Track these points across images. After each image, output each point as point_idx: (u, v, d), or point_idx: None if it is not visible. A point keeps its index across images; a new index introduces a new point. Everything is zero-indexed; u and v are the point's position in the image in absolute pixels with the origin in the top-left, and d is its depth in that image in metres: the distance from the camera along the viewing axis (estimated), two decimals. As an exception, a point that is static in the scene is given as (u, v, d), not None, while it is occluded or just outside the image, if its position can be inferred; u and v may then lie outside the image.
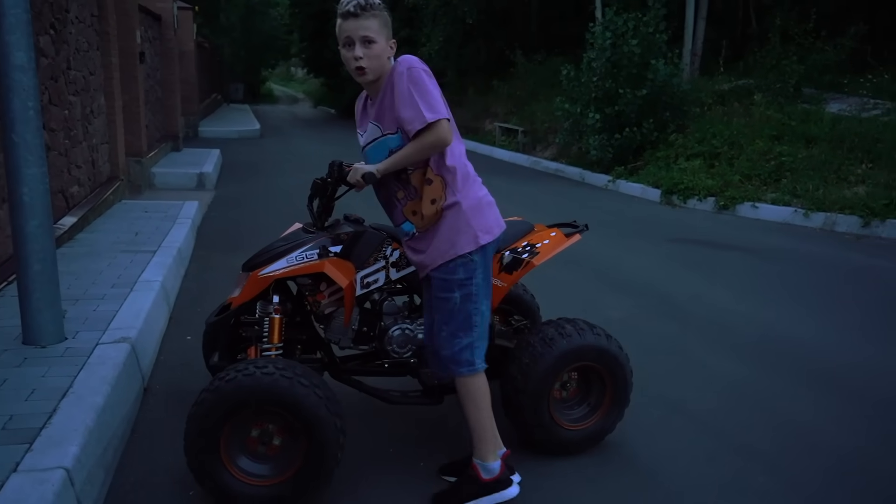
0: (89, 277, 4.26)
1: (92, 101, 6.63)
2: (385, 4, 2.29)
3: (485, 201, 2.39)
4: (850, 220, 7.39)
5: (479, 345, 2.38)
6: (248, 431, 2.27)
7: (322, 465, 2.24)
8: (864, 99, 9.83)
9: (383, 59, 2.27)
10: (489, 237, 2.34)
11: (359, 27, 2.21)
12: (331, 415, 2.23)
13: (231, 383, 2.18)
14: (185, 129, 13.48)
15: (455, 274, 2.32)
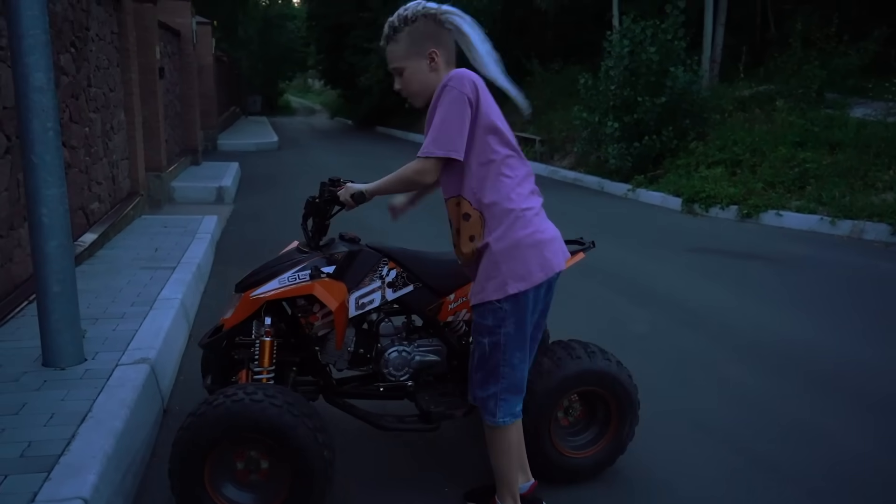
0: (109, 295, 4.26)
1: (112, 117, 6.67)
2: (413, 16, 2.14)
3: (526, 242, 2.11)
4: (879, 227, 7.22)
5: (507, 398, 2.20)
6: (233, 458, 2.20)
7: (308, 497, 2.17)
8: (890, 103, 9.63)
9: (420, 78, 2.18)
10: (524, 285, 2.11)
11: (389, 59, 2.19)
12: (319, 446, 2.16)
13: (219, 409, 2.11)
14: (204, 143, 13.59)
15: (484, 319, 2.17)
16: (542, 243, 2.14)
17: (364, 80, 22.68)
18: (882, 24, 10.71)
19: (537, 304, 2.19)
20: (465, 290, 2.67)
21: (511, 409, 2.22)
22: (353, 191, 2.32)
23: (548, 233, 2.18)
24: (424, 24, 2.14)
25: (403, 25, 2.15)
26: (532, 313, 2.18)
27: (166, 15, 10.69)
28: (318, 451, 2.16)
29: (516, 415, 2.24)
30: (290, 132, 23.76)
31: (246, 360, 2.58)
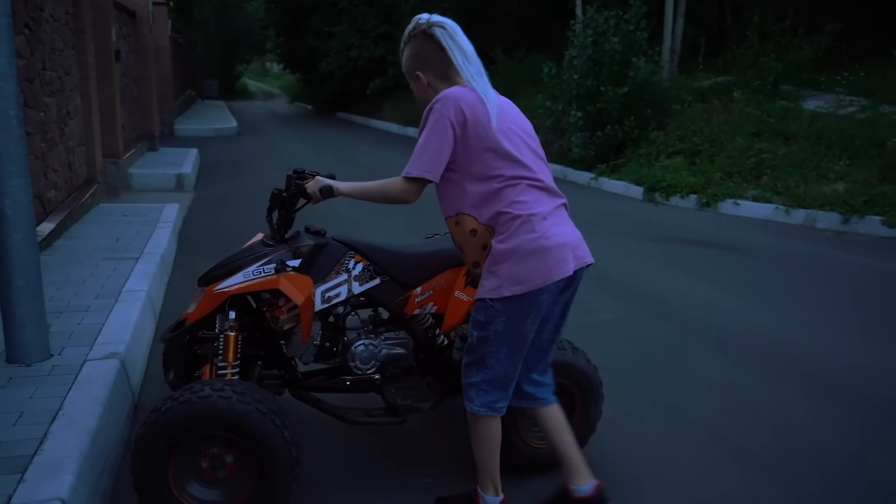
0: (71, 288, 4.15)
1: (68, 101, 6.46)
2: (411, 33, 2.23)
3: (527, 248, 2.10)
4: (831, 216, 7.48)
5: (488, 390, 2.22)
6: (198, 456, 2.18)
7: (274, 494, 2.16)
8: (841, 96, 9.96)
9: (419, 94, 2.29)
10: (519, 289, 2.09)
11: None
12: (287, 443, 2.16)
13: (185, 405, 2.09)
14: (160, 128, 13.24)
15: (478, 314, 2.20)
16: (546, 250, 2.11)
17: (325, 65, 22.36)
18: (834, 19, 11.03)
19: (538, 308, 2.15)
20: (431, 283, 2.68)
21: (488, 401, 2.23)
22: (322, 185, 2.31)
23: (555, 238, 2.13)
24: (416, 44, 2.23)
25: (405, 44, 2.26)
26: (531, 317, 2.16)
27: (121, -5, 10.35)
28: (287, 448, 2.15)
29: (494, 409, 2.25)
30: (249, 117, 23.31)
31: (210, 355, 2.55)
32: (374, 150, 14.59)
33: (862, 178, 7.82)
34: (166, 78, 14.89)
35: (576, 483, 2.33)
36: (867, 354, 4.03)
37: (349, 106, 24.66)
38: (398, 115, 20.19)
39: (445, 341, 2.81)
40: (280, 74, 50.22)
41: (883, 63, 10.26)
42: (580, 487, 2.32)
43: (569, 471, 2.34)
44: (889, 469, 2.83)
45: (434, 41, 2.19)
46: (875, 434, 3.11)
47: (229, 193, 8.78)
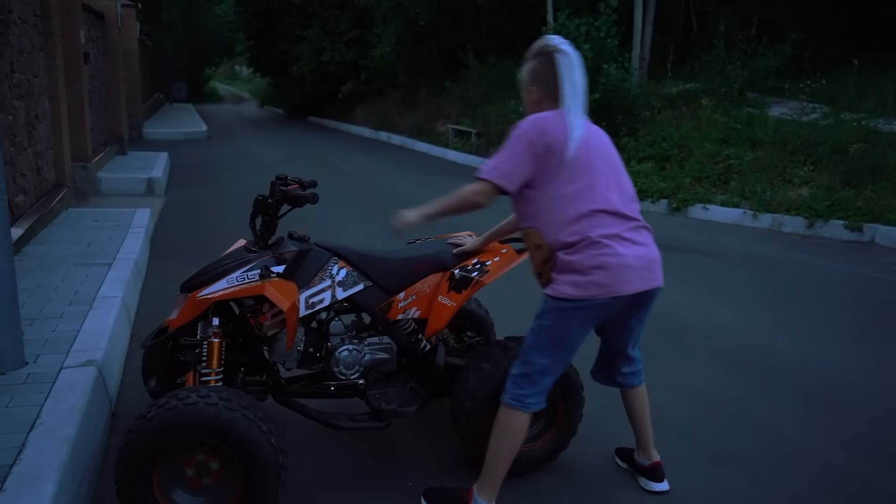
0: (43, 294, 4.07)
1: (36, 104, 6.33)
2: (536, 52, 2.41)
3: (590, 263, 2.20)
4: (796, 220, 7.69)
5: (521, 384, 2.33)
6: (183, 463, 2.17)
7: (260, 501, 2.16)
8: (804, 103, 10.24)
9: (528, 106, 2.46)
10: (574, 293, 2.20)
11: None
12: (273, 449, 2.16)
13: (171, 412, 2.08)
14: (129, 131, 13.03)
15: (545, 305, 2.31)
16: (606, 266, 2.19)
17: (296, 69, 22.21)
18: (797, 28, 11.33)
19: (587, 318, 2.25)
20: (414, 289, 2.71)
21: (518, 395, 2.33)
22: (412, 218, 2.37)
23: (618, 259, 2.20)
24: (539, 63, 2.39)
25: (531, 58, 2.43)
26: (576, 322, 2.25)
27: (89, -3, 10.18)
28: (273, 454, 2.16)
29: (523, 404, 2.33)
30: (219, 121, 23.05)
31: (192, 362, 2.54)
32: (347, 154, 14.55)
33: (825, 184, 8.05)
34: (135, 81, 14.66)
35: (640, 457, 2.74)
36: (835, 354, 4.16)
37: (321, 110, 24.53)
38: (370, 120, 20.16)
39: (428, 346, 2.83)
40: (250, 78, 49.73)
41: (844, 71, 10.57)
42: (642, 459, 2.73)
43: (638, 445, 2.74)
44: (857, 468, 2.93)
45: (553, 65, 2.34)
46: (845, 432, 3.21)
47: (201, 198, 8.69)
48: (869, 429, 3.25)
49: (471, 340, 3.19)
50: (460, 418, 2.63)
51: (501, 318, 3.70)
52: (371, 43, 18.81)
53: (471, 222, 7.34)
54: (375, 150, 15.61)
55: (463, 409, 2.61)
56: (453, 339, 3.19)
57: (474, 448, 2.65)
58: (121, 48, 12.10)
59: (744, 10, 12.19)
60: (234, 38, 39.02)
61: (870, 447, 3.07)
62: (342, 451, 2.89)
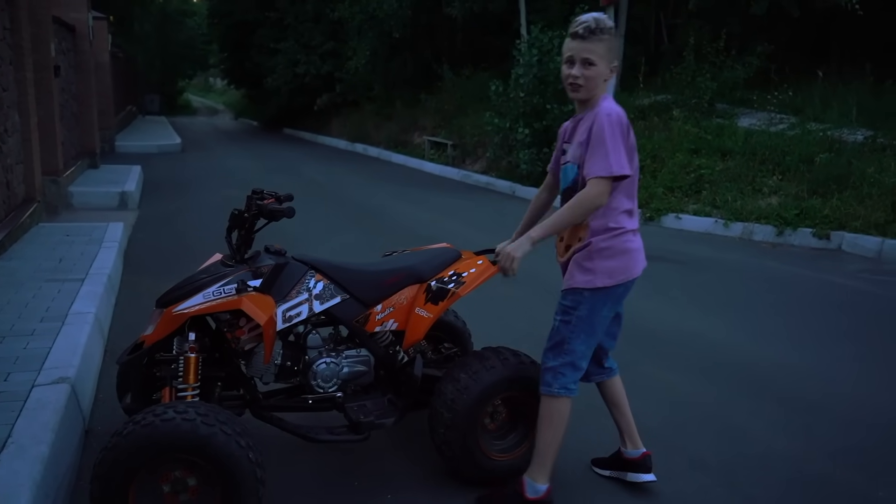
0: (14, 311, 4.01)
1: (5, 118, 6.25)
2: (615, 30, 2.44)
3: (620, 248, 2.47)
4: (766, 229, 7.85)
5: (565, 372, 2.49)
6: (159, 481, 2.15)
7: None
8: (772, 114, 10.47)
9: (600, 80, 2.42)
10: (609, 281, 2.46)
11: (587, 49, 2.38)
12: (251, 464, 2.15)
13: (148, 428, 2.06)
14: (101, 145, 12.87)
15: (565, 300, 2.52)
16: (632, 251, 2.50)
17: (271, 81, 22.15)
18: (764, 40, 11.60)
19: (616, 300, 2.53)
20: (391, 301, 2.73)
21: (565, 383, 2.49)
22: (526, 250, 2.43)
23: (636, 243, 2.53)
24: (614, 41, 2.46)
25: (604, 32, 2.38)
26: (608, 306, 2.50)
27: (61, 9, 10.08)
28: (251, 469, 2.15)
29: (570, 390, 2.50)
30: (192, 133, 22.87)
31: (168, 378, 2.52)
32: (323, 166, 14.53)
33: (794, 192, 8.23)
34: (107, 93, 14.52)
35: (628, 448, 2.79)
36: (806, 360, 4.25)
37: (296, 122, 24.46)
38: (346, 132, 20.16)
39: (406, 358, 2.84)
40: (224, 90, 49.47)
41: (809, 83, 10.83)
42: (630, 451, 2.78)
43: (624, 435, 2.79)
44: (830, 472, 3.00)
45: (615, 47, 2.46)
46: (816, 437, 3.28)
47: (175, 212, 8.61)
48: (843, 434, 3.32)
49: (448, 351, 3.21)
50: (438, 429, 2.64)
51: (478, 328, 3.72)
52: (346, 55, 18.84)
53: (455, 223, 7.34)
54: (351, 162, 15.60)
55: (441, 421, 2.62)
56: (431, 350, 3.20)
57: (452, 459, 2.66)
58: (92, 61, 11.98)
59: (712, 23, 12.45)
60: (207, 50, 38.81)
61: (844, 452, 3.14)
62: (321, 465, 2.88)
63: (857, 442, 3.23)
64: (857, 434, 3.31)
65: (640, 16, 13.94)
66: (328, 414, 2.83)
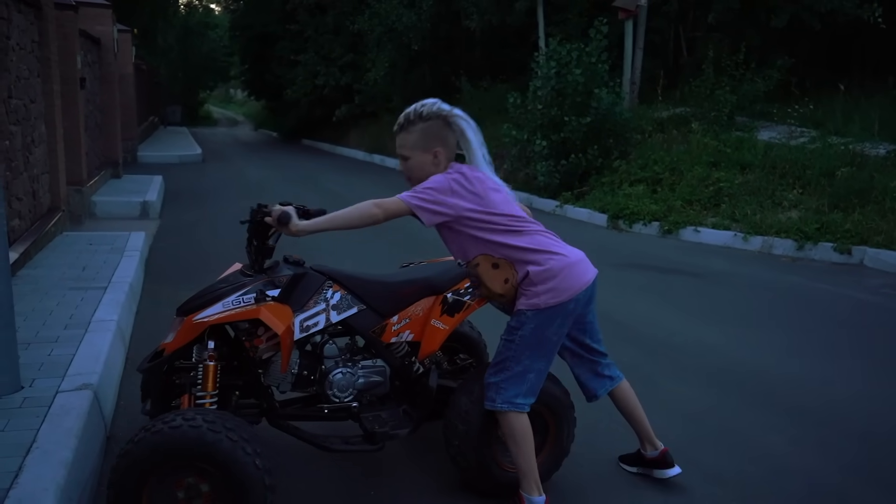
0: (39, 318, 4.09)
1: (33, 129, 6.39)
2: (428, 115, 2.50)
3: (556, 267, 2.50)
4: (786, 243, 7.77)
5: (506, 386, 2.52)
6: (174, 486, 2.19)
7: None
8: (792, 127, 10.40)
9: (424, 169, 2.52)
10: (555, 300, 2.48)
11: (399, 145, 2.55)
12: (259, 472, 2.17)
13: (157, 435, 2.12)
14: (123, 155, 13.09)
15: (511, 321, 2.57)
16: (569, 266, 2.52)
17: (291, 93, 22.40)
18: (784, 54, 11.55)
19: (566, 315, 2.53)
20: (408, 312, 2.75)
21: (507, 397, 2.51)
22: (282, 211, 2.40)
23: (574, 255, 2.56)
24: (435, 125, 2.50)
25: (418, 121, 2.49)
26: (557, 322, 2.52)
27: (87, 23, 10.30)
28: (259, 475, 2.17)
29: (515, 405, 2.51)
30: (213, 144, 23.16)
31: (188, 385, 2.56)
32: (341, 177, 14.64)
33: (814, 206, 8.16)
34: (130, 104, 14.77)
35: (647, 450, 2.90)
36: (826, 376, 4.20)
37: (315, 133, 24.69)
38: (364, 143, 20.30)
39: (421, 369, 2.86)
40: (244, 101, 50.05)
41: (831, 96, 10.75)
42: (650, 452, 2.89)
43: (642, 438, 2.90)
44: (850, 489, 2.96)
45: (454, 128, 2.54)
46: (835, 453, 3.25)
47: (196, 221, 8.72)
48: (859, 448, 3.28)
49: (464, 363, 3.22)
50: (452, 441, 2.65)
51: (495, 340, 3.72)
52: (365, 67, 19.01)
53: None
54: (370, 174, 15.71)
55: (455, 433, 2.63)
56: (446, 361, 3.22)
57: (467, 470, 2.67)
58: (116, 73, 12.21)
59: (732, 36, 12.43)
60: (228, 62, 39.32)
61: (860, 467, 3.11)
62: (337, 474, 2.90)
63: (872, 457, 3.19)
64: (873, 449, 3.27)
65: (659, 29, 13.94)
66: (344, 423, 2.85)
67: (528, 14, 13.95)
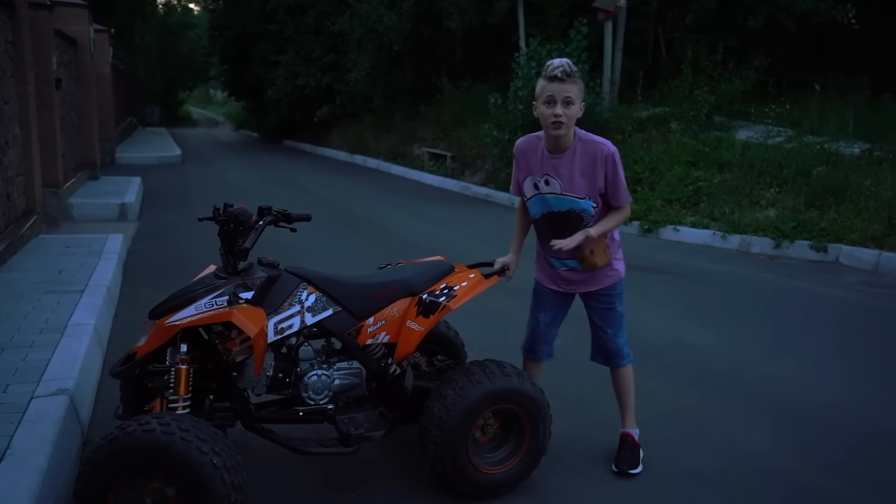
0: (13, 322, 4.03)
1: (7, 131, 6.29)
2: (579, 72, 2.72)
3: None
4: (764, 241, 7.87)
5: (626, 343, 3.10)
6: (141, 492, 2.19)
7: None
8: (769, 126, 10.53)
9: (576, 118, 2.73)
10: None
11: (567, 90, 2.66)
12: (215, 469, 2.16)
13: (113, 442, 2.12)
14: (101, 156, 12.93)
15: (619, 289, 3.01)
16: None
17: (271, 93, 22.27)
18: (760, 54, 11.69)
19: None
20: (383, 314, 2.74)
21: (629, 351, 3.11)
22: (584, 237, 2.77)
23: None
24: (582, 83, 2.75)
25: (576, 73, 2.69)
26: None
27: (62, 23, 10.16)
28: (216, 474, 2.16)
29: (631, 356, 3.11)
30: (193, 145, 22.96)
31: (160, 389, 2.54)
32: (323, 178, 14.58)
33: (791, 205, 8.27)
34: (107, 105, 14.59)
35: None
36: (804, 373, 4.26)
37: (296, 134, 24.56)
38: (346, 144, 20.24)
39: (398, 370, 2.86)
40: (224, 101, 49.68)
41: (807, 95, 10.91)
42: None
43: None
44: (827, 486, 3.01)
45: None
46: (813, 450, 3.29)
47: (175, 223, 8.63)
48: (838, 445, 3.33)
49: (442, 364, 3.22)
50: (428, 447, 2.65)
51: (473, 339, 3.74)
52: (346, 68, 18.95)
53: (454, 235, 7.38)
54: (351, 174, 15.66)
55: (430, 438, 2.63)
56: (425, 362, 3.22)
57: (444, 475, 2.67)
58: (93, 73, 12.06)
59: (710, 36, 12.55)
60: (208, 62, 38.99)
61: (839, 464, 3.15)
62: (316, 477, 2.89)
63: (852, 455, 3.24)
64: (853, 447, 3.32)
65: (638, 29, 14.05)
66: (320, 426, 2.83)
67: (508, 15, 13.99)
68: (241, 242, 2.54)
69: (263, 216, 2.68)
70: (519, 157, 2.93)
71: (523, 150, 2.91)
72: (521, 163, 2.92)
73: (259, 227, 2.61)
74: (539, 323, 3.12)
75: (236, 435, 2.82)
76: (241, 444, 2.83)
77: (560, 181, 2.80)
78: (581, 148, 2.78)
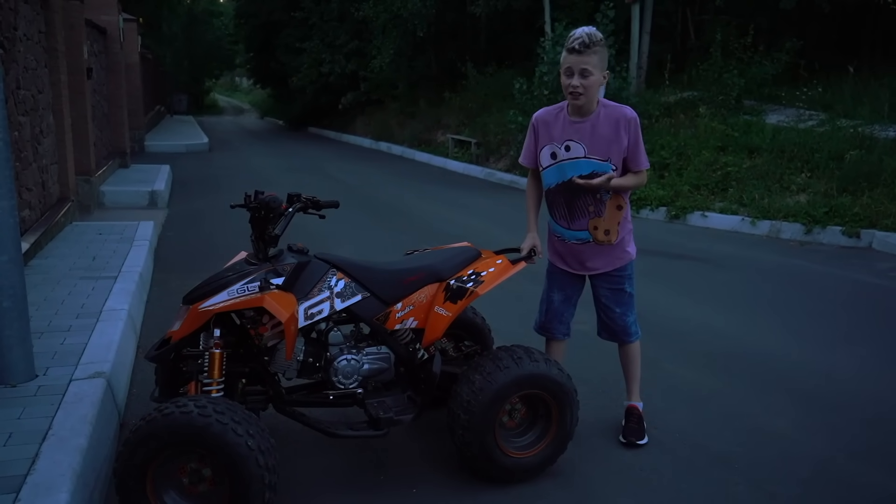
0: (51, 307, 4.14)
1: (41, 120, 6.42)
2: (601, 40, 2.77)
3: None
4: (794, 227, 7.75)
5: (636, 320, 3.21)
6: (178, 470, 2.26)
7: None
8: (801, 110, 10.32)
9: (597, 87, 2.81)
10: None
11: (583, 62, 2.74)
12: (251, 451, 2.21)
13: (150, 423, 2.18)
14: (130, 144, 13.14)
15: (631, 269, 3.11)
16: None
17: (296, 81, 22.36)
18: (792, 36, 11.43)
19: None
20: (411, 299, 2.77)
21: (637, 330, 3.21)
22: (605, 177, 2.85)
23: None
24: (605, 52, 2.80)
25: (598, 44, 2.74)
26: None
27: (92, 12, 10.31)
28: (252, 456, 2.21)
29: (639, 333, 3.23)
30: (219, 133, 23.19)
31: (194, 372, 2.59)
32: (348, 164, 14.65)
33: (822, 190, 8.12)
34: (136, 94, 14.79)
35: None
36: (833, 359, 4.21)
37: (321, 121, 24.67)
38: (370, 130, 20.28)
39: (425, 355, 2.89)
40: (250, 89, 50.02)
41: (840, 78, 10.65)
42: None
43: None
44: (854, 470, 2.98)
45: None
46: (841, 436, 3.26)
47: (203, 210, 8.76)
48: (865, 432, 3.29)
49: (468, 349, 3.25)
50: (456, 431, 2.69)
51: (499, 325, 3.75)
52: (370, 54, 18.96)
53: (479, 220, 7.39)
54: (376, 161, 15.71)
55: (458, 422, 2.66)
56: (452, 348, 3.25)
57: (472, 459, 2.70)
58: (123, 62, 12.23)
59: (740, 18, 12.31)
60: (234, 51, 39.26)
61: (866, 450, 3.12)
62: (347, 459, 2.94)
63: (880, 441, 3.21)
64: (881, 433, 3.28)
65: (666, 12, 13.82)
66: (349, 409, 2.88)
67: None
68: (271, 229, 2.57)
69: (293, 203, 2.71)
70: (539, 127, 2.99)
71: (544, 120, 2.97)
72: (542, 132, 2.98)
73: (289, 213, 2.65)
74: (553, 301, 3.20)
75: (268, 418, 2.88)
76: (273, 427, 2.89)
77: (583, 144, 2.88)
78: (604, 113, 2.87)
